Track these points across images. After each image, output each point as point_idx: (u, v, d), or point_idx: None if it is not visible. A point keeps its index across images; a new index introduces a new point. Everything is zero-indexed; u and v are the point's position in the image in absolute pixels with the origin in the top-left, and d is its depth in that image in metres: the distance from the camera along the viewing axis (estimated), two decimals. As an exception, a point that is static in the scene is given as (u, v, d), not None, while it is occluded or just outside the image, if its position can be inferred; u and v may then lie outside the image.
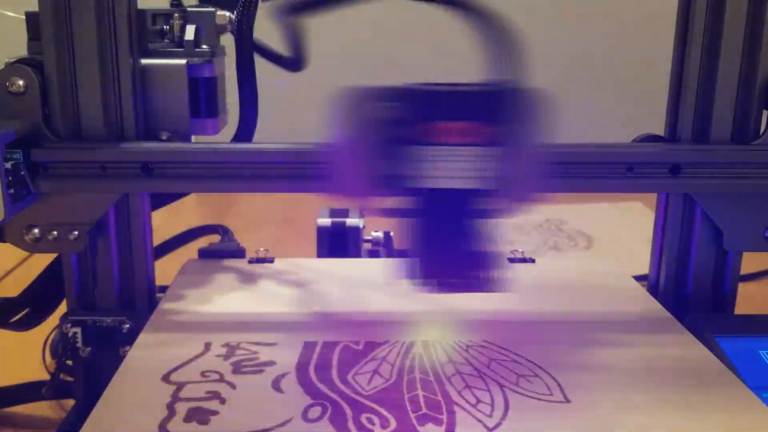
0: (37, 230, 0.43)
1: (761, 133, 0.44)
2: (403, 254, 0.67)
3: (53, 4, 0.41)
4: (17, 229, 0.43)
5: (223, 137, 0.47)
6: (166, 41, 0.45)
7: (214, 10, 0.46)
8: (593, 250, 0.85)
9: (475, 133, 0.35)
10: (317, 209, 0.62)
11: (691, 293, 0.47)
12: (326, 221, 0.60)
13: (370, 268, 0.54)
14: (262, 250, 0.54)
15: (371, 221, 0.64)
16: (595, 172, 0.43)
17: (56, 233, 0.43)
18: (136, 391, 0.36)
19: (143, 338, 0.42)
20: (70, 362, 0.45)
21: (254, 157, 0.43)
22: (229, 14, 0.46)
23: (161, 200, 0.50)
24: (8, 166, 0.39)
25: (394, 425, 0.33)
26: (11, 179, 0.40)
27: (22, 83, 0.41)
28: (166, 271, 0.52)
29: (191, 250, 0.57)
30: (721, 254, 0.47)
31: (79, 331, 0.44)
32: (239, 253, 0.55)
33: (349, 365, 0.39)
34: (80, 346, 0.44)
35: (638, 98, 1.21)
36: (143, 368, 0.38)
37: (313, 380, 0.37)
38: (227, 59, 0.48)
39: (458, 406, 0.35)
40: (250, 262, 0.53)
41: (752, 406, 0.35)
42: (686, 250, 0.47)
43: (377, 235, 0.66)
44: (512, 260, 0.55)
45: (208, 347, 0.41)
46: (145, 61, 0.44)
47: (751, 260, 0.48)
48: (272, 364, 0.39)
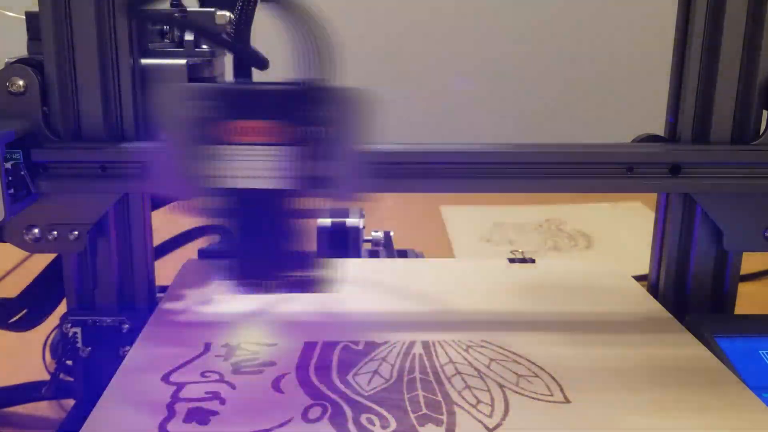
0: (37, 230, 0.43)
1: (761, 133, 0.44)
2: (403, 254, 0.67)
3: (53, 4, 0.41)
4: (17, 229, 0.43)
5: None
6: (166, 41, 0.45)
7: (213, 10, 0.46)
8: (593, 250, 0.85)
9: (277, 132, 0.35)
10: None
11: (691, 293, 0.47)
12: (326, 221, 0.60)
13: (370, 268, 0.54)
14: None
15: (371, 221, 0.64)
16: (595, 172, 0.43)
17: (56, 233, 0.43)
18: (136, 391, 0.36)
19: (143, 338, 0.42)
20: (70, 362, 0.45)
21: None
22: (229, 14, 0.46)
23: (161, 200, 0.50)
24: (8, 166, 0.39)
25: (394, 426, 0.33)
26: (11, 179, 0.39)
27: (22, 83, 0.41)
28: (166, 271, 0.52)
29: (191, 250, 0.57)
30: (721, 254, 0.47)
31: (79, 331, 0.44)
32: (239, 253, 0.55)
33: (349, 365, 0.39)
34: (80, 346, 0.44)
35: (638, 98, 1.21)
36: (143, 368, 0.38)
37: (313, 380, 0.37)
38: (227, 59, 0.48)
39: (458, 406, 0.35)
40: None
41: (752, 406, 0.35)
42: (686, 250, 0.47)
43: (377, 235, 0.66)
44: (512, 260, 0.55)
45: (208, 347, 0.41)
46: (145, 61, 0.44)
47: (751, 260, 0.48)
48: (272, 364, 0.39)
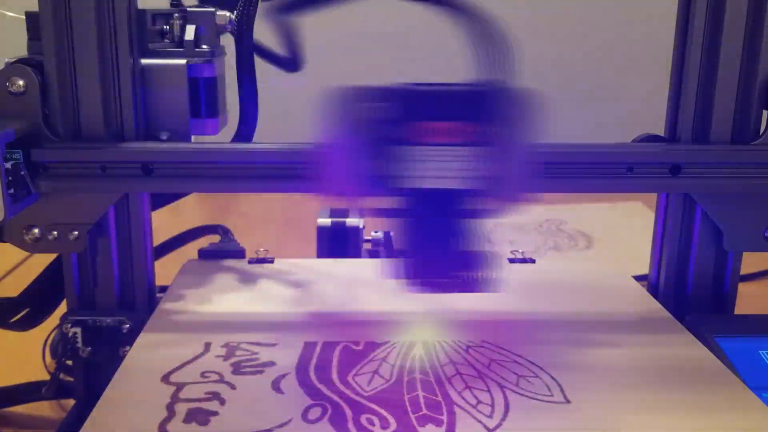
0: (37, 230, 0.43)
1: (761, 133, 0.44)
2: (403, 254, 0.67)
3: (53, 4, 0.41)
4: (17, 229, 0.43)
5: (223, 137, 0.47)
6: (166, 41, 0.45)
7: (214, 10, 0.46)
8: (593, 250, 0.85)
9: (462, 132, 0.35)
10: (317, 209, 0.62)
11: (691, 293, 0.47)
12: (326, 221, 0.60)
13: (370, 268, 0.54)
14: (262, 250, 0.54)
15: (371, 221, 0.64)
16: (595, 172, 0.43)
17: (56, 233, 0.43)
18: (135, 391, 0.36)
19: (143, 338, 0.42)
20: (70, 362, 0.45)
21: (254, 157, 0.43)
22: (229, 14, 0.46)
23: (161, 200, 0.50)
24: (8, 166, 0.39)
25: (394, 426, 0.33)
26: (11, 179, 0.39)
27: (22, 83, 0.41)
28: (166, 271, 0.52)
29: (191, 250, 0.57)
30: (721, 254, 0.47)
31: (79, 331, 0.44)
32: (239, 253, 0.55)
33: (349, 366, 0.39)
34: (80, 346, 0.44)
35: (638, 98, 1.21)
36: (143, 368, 0.38)
37: (313, 381, 0.37)
38: (227, 59, 0.48)
39: (458, 406, 0.35)
40: (250, 262, 0.53)
41: (752, 406, 0.35)
42: (686, 250, 0.47)
43: (377, 235, 0.66)
44: (512, 260, 0.55)
45: (207, 347, 0.41)
46: (145, 61, 0.44)
47: (751, 260, 0.48)
48: (272, 364, 0.39)
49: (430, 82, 0.35)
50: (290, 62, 0.48)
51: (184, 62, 0.44)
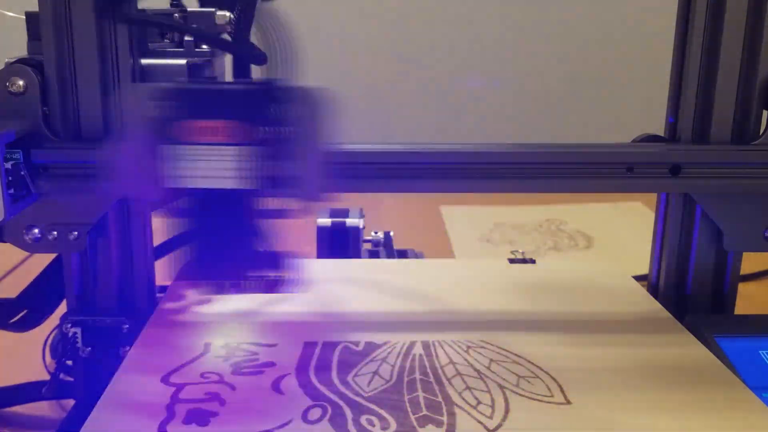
0: (37, 230, 0.43)
1: (761, 133, 0.44)
2: (403, 255, 0.67)
3: (53, 4, 0.41)
4: (17, 229, 0.43)
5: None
6: (166, 41, 0.45)
7: (213, 10, 0.46)
8: (593, 250, 0.85)
9: (237, 132, 0.34)
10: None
11: (691, 293, 0.47)
12: (326, 221, 0.60)
13: (370, 268, 0.54)
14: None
15: (372, 221, 0.64)
16: (595, 172, 0.43)
17: (56, 233, 0.43)
18: (135, 392, 0.36)
19: (143, 338, 0.42)
20: (70, 362, 0.45)
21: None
22: (229, 14, 0.46)
23: (162, 200, 0.50)
24: (8, 166, 0.39)
25: (394, 427, 0.33)
26: (11, 179, 0.39)
27: (22, 83, 0.41)
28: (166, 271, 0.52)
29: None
30: (721, 254, 0.47)
31: (79, 331, 0.44)
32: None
33: (349, 366, 0.39)
34: (80, 346, 0.44)
35: (638, 98, 1.21)
36: (143, 369, 0.38)
37: (313, 381, 0.37)
38: (227, 59, 0.48)
39: (459, 407, 0.35)
40: None
41: (752, 406, 0.35)
42: (686, 250, 0.47)
43: (377, 235, 0.66)
44: (512, 260, 0.55)
45: (207, 348, 0.41)
46: (145, 61, 0.44)
47: (751, 260, 0.48)
48: (272, 365, 0.39)
49: (213, 81, 0.35)
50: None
51: (184, 62, 0.44)
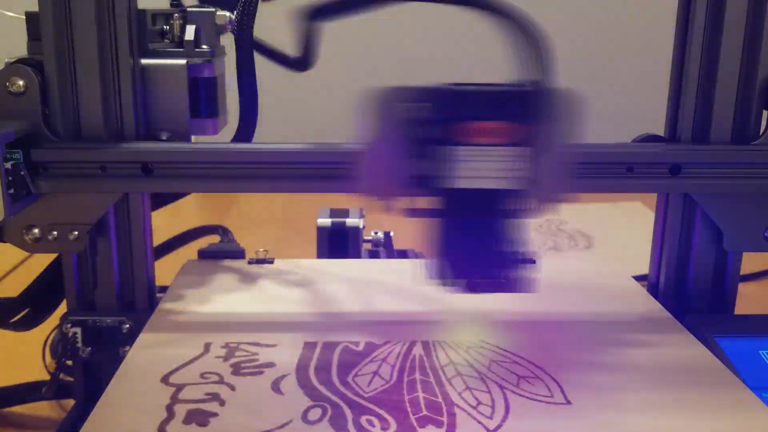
0: (37, 230, 0.43)
1: (761, 133, 0.44)
2: (403, 254, 0.67)
3: (53, 4, 0.41)
4: (17, 229, 0.43)
5: (223, 137, 0.47)
6: (166, 41, 0.45)
7: (214, 10, 0.46)
8: (593, 250, 0.85)
9: (504, 133, 0.35)
10: (317, 209, 0.62)
11: (691, 293, 0.47)
12: (326, 221, 0.60)
13: (370, 268, 0.54)
14: (261, 250, 0.54)
15: (371, 221, 0.64)
16: (595, 172, 0.43)
17: (56, 233, 0.43)
18: (135, 392, 0.36)
19: (143, 338, 0.42)
20: (70, 362, 0.45)
21: (254, 157, 0.43)
22: (229, 14, 0.46)
23: (161, 200, 0.50)
24: (8, 166, 0.39)
25: (394, 427, 0.33)
26: (11, 179, 0.40)
27: (22, 83, 0.41)
28: (166, 271, 0.52)
29: (191, 250, 0.57)
30: (721, 254, 0.47)
31: (79, 331, 0.44)
32: (239, 253, 0.55)
33: (349, 366, 0.39)
34: (80, 346, 0.44)
35: (638, 98, 1.21)
36: (143, 369, 0.38)
37: (313, 382, 0.37)
38: (227, 59, 0.48)
39: (459, 407, 0.35)
40: (249, 263, 0.53)
41: (752, 406, 0.35)
42: (686, 250, 0.47)
43: (377, 235, 0.66)
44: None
45: (207, 348, 0.41)
46: (145, 61, 0.44)
47: (751, 260, 0.48)
48: (272, 365, 0.39)
49: (469, 82, 0.35)
50: (300, 62, 0.48)
51: (184, 62, 0.44)
